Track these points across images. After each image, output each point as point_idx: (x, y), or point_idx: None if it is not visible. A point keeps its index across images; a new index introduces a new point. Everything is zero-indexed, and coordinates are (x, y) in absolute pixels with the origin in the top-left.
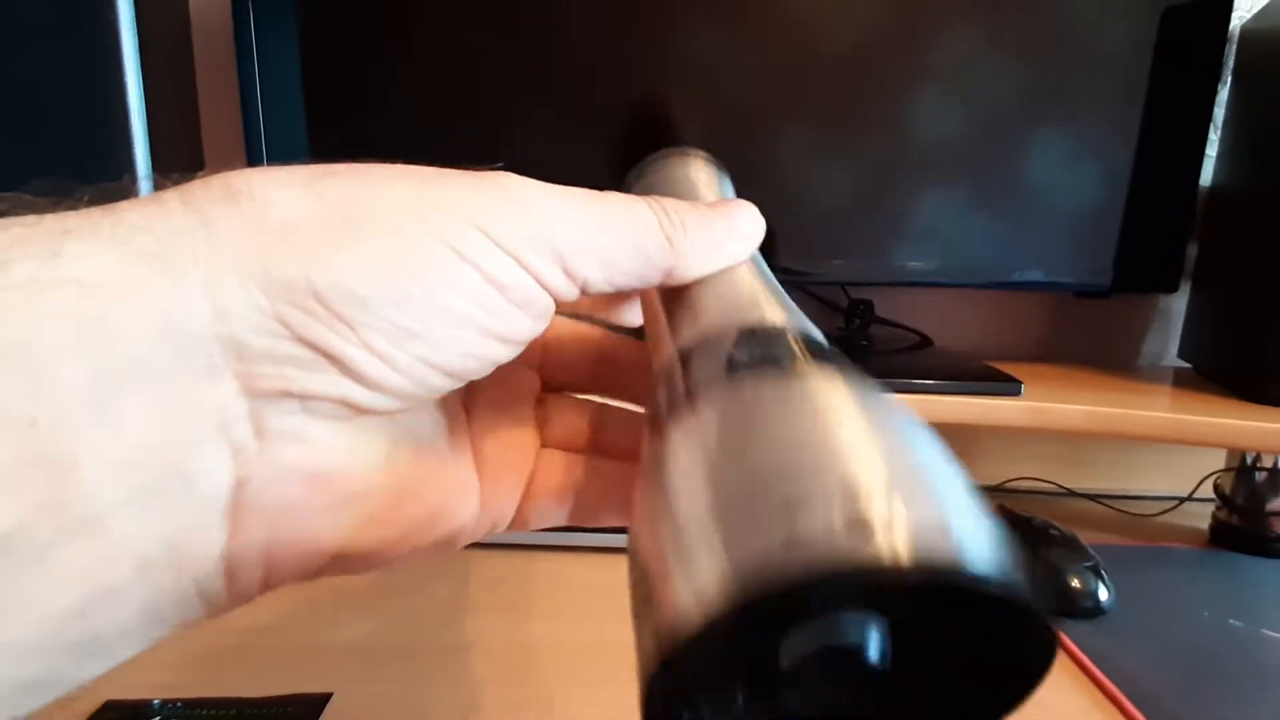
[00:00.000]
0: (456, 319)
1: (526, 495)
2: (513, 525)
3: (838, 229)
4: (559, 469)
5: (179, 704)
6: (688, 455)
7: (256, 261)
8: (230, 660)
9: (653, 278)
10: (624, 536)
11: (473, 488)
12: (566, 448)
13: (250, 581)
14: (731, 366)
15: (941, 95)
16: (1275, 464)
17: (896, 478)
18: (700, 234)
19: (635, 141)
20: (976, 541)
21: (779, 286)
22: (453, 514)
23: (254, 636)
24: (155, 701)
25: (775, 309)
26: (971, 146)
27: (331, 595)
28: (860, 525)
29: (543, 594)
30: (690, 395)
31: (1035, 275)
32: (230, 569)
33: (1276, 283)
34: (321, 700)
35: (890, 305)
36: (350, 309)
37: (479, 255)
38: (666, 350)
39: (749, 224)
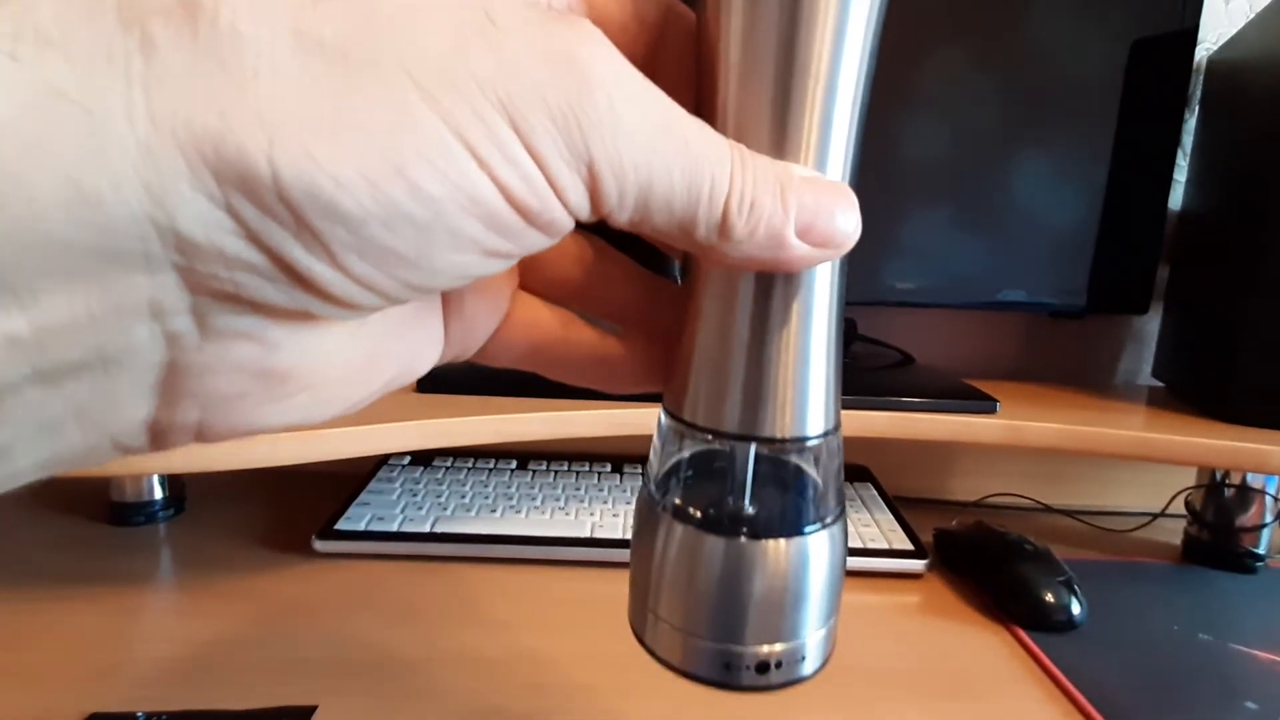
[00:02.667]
0: (460, 244)
1: (494, 334)
2: (476, 358)
3: None
4: (535, 314)
5: (164, 716)
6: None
7: (208, 128)
8: (215, 673)
9: (684, 243)
10: (610, 552)
11: (438, 334)
12: (546, 295)
13: (178, 442)
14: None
15: (927, 121)
16: (1244, 481)
17: None
18: (768, 220)
19: None
20: None
21: (833, 330)
22: (415, 369)
23: (239, 649)
24: (140, 714)
25: (785, 401)
26: (952, 172)
27: (317, 607)
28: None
29: (528, 607)
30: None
31: (1017, 295)
32: (155, 433)
33: (1242, 304)
34: (306, 713)
35: (874, 324)
36: (325, 222)
37: (505, 168)
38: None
39: (840, 227)
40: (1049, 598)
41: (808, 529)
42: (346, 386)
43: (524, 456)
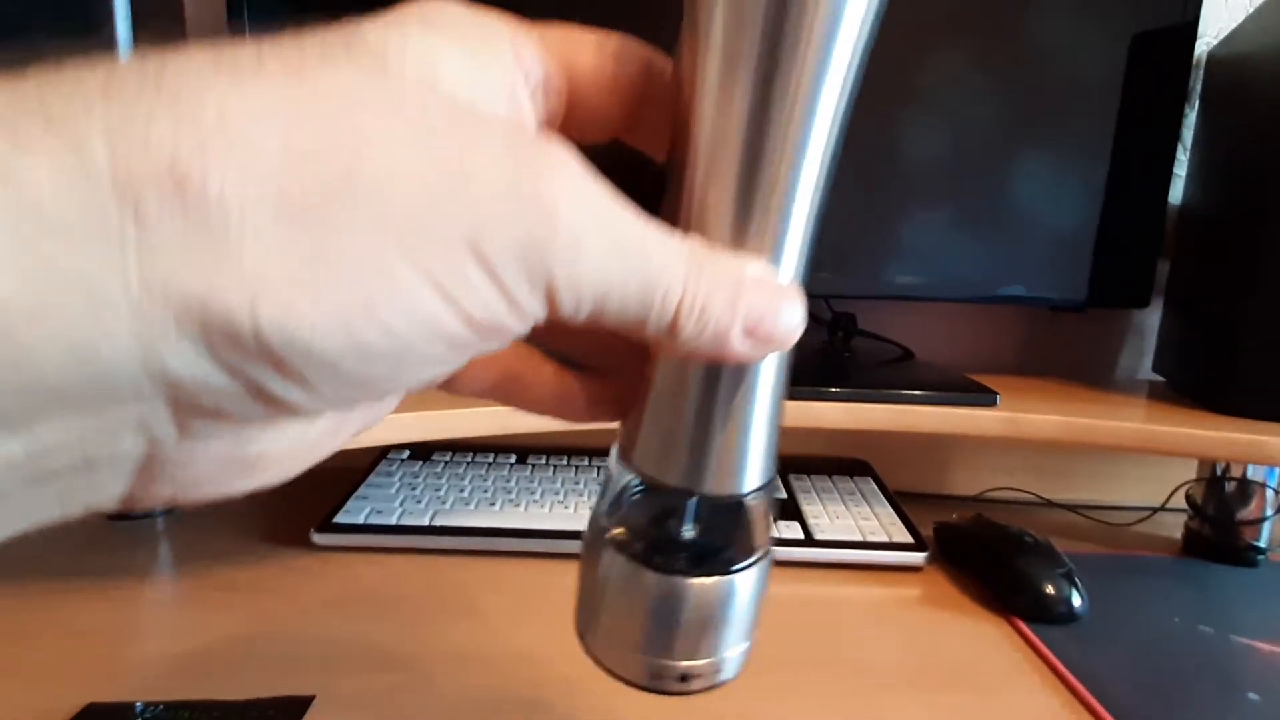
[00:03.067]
0: (427, 363)
1: (458, 374)
2: (441, 388)
3: (826, 244)
4: (499, 353)
5: (161, 706)
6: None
7: (196, 292)
8: (212, 663)
9: (635, 335)
10: None
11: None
12: None
13: (150, 505)
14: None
15: (926, 117)
16: (1244, 474)
17: None
18: (716, 322)
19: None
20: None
21: (776, 398)
22: (379, 416)
23: (237, 641)
24: (138, 704)
25: (724, 466)
26: (955, 167)
27: (315, 600)
28: None
29: (527, 601)
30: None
31: (1017, 290)
32: (129, 501)
33: (1241, 298)
34: (304, 703)
35: (874, 319)
36: (302, 362)
37: (471, 300)
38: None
39: (784, 329)
40: (1049, 590)
41: (735, 569)
42: (314, 450)
43: (523, 450)
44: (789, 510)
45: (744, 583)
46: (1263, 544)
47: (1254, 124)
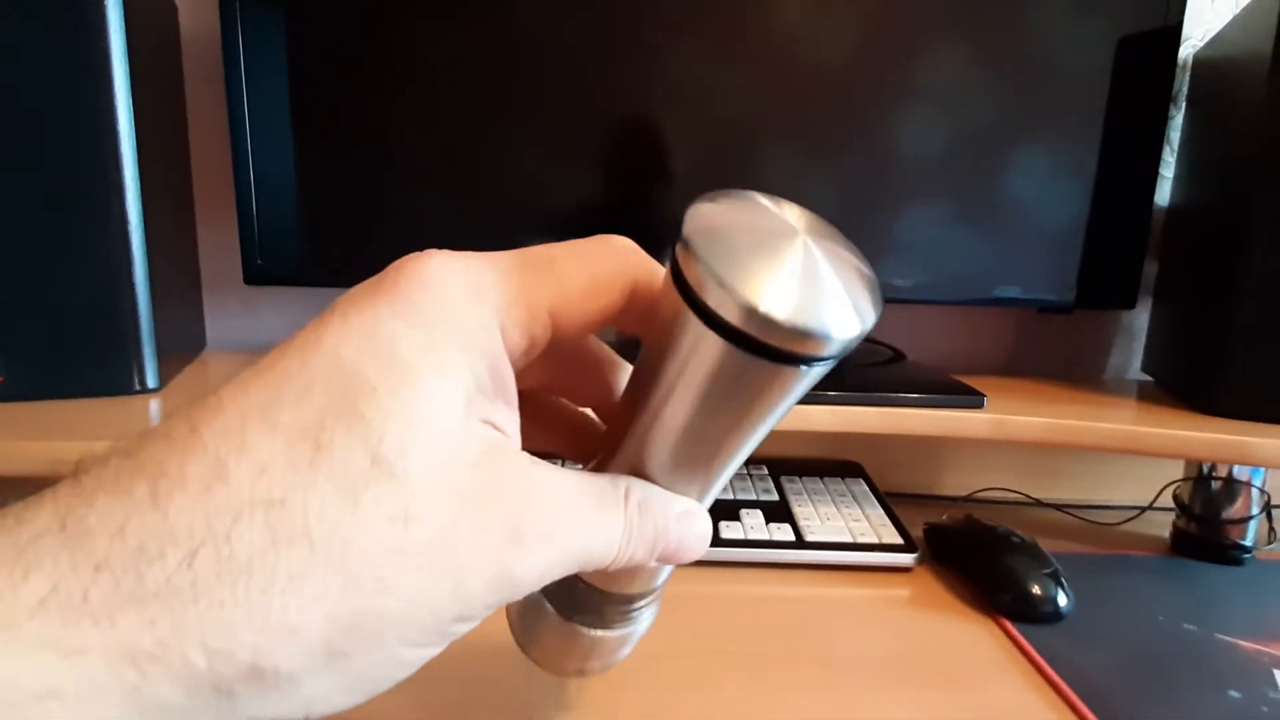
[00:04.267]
0: (403, 664)
1: None
2: None
3: None
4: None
5: None
6: None
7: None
8: None
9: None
10: None
11: None
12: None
13: None
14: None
15: (913, 122)
16: (1230, 474)
17: None
18: (641, 560)
19: (623, 162)
20: None
21: None
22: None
23: None
24: None
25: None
26: (939, 171)
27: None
28: None
29: None
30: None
31: (1006, 292)
32: None
33: (1227, 299)
34: None
35: None
36: (289, 688)
37: (442, 633)
38: None
39: (689, 557)
40: (1035, 589)
41: (630, 622)
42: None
43: None
44: (781, 513)
45: (636, 627)
46: (1248, 543)
47: (1237, 125)
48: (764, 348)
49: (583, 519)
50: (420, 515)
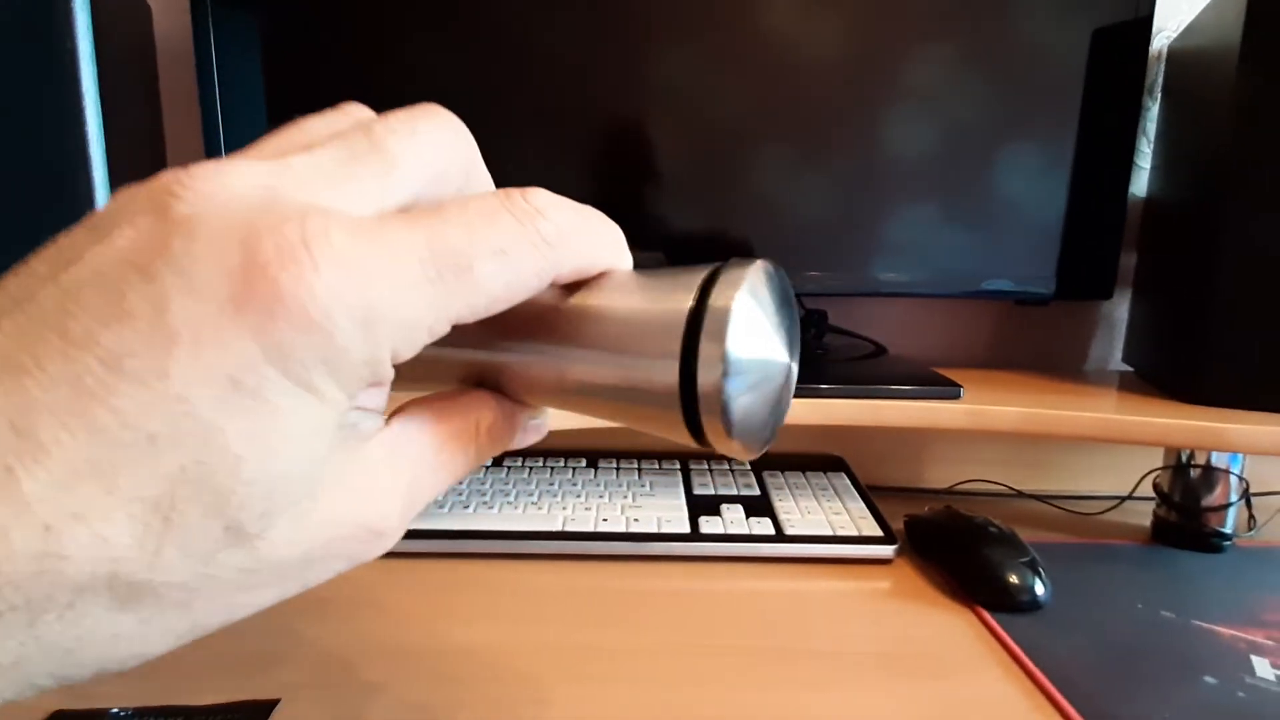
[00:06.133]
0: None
1: None
2: None
3: (804, 241)
4: None
5: (128, 711)
6: None
7: None
8: (177, 667)
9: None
10: (580, 545)
11: None
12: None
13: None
14: None
15: (895, 119)
16: (1209, 461)
17: None
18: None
19: (616, 160)
20: None
21: None
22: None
23: (200, 643)
24: (114, 710)
25: None
26: (918, 165)
27: (282, 602)
28: None
29: (491, 600)
30: None
31: (987, 285)
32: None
33: (1204, 288)
34: (268, 707)
35: (847, 315)
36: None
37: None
38: None
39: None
40: (1013, 579)
41: None
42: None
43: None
44: (761, 507)
45: None
46: (1228, 530)
47: (1209, 115)
48: (694, 413)
49: (434, 477)
50: (267, 566)
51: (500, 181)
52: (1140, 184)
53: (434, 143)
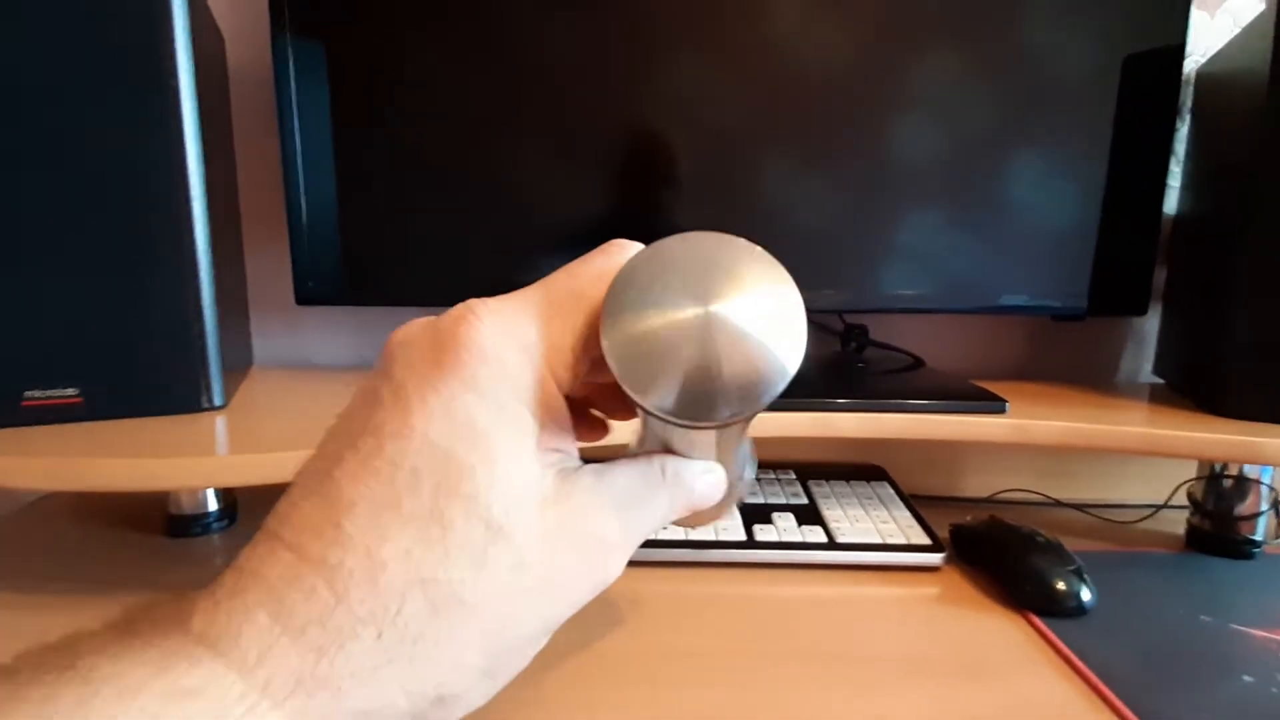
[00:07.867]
0: (528, 659)
1: None
2: None
3: (837, 260)
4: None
5: None
6: None
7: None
8: None
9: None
10: (636, 552)
11: None
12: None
13: None
14: None
15: (928, 138)
16: (1241, 472)
17: None
18: (685, 508)
19: (629, 170)
20: None
21: None
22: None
23: None
24: None
25: None
26: (955, 183)
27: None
28: None
29: None
30: None
31: (1021, 300)
32: None
33: (1231, 304)
34: None
35: (884, 328)
36: (456, 703)
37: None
38: None
39: (712, 498)
40: (1061, 586)
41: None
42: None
43: None
44: (811, 515)
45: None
46: (1259, 538)
47: (1237, 135)
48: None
49: (640, 505)
50: (530, 561)
51: (513, 188)
52: (1170, 202)
53: None
